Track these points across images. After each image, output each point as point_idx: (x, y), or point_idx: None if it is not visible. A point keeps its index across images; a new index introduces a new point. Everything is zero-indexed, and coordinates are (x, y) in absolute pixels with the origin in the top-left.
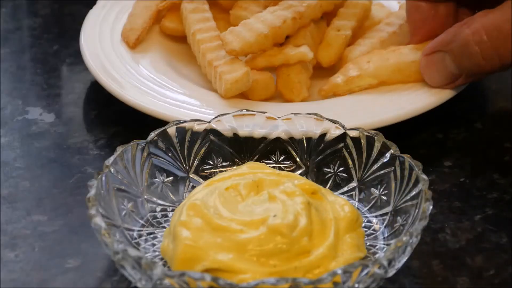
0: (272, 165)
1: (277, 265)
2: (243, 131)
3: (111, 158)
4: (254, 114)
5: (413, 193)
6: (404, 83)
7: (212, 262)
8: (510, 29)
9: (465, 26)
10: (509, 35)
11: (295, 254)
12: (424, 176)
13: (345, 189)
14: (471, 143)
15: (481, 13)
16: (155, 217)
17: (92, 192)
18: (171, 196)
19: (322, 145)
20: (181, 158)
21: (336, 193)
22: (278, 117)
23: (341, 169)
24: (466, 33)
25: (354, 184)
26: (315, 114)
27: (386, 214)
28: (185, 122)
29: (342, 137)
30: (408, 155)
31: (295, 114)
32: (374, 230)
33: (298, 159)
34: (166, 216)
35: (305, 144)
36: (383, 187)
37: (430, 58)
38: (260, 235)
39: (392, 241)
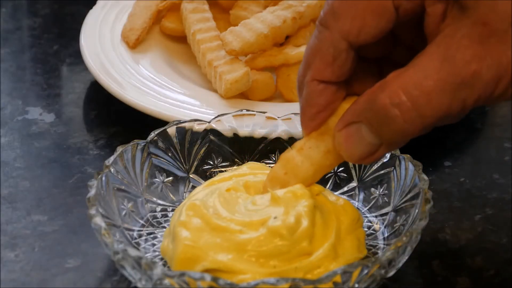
0: (272, 165)
1: (277, 266)
2: (243, 131)
3: (111, 158)
4: (254, 114)
5: (413, 193)
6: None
7: (211, 263)
8: (431, 85)
9: (378, 91)
10: (431, 91)
11: (295, 256)
12: (424, 176)
13: (345, 189)
14: (471, 143)
15: (393, 74)
16: (155, 217)
17: (92, 192)
18: (171, 196)
19: None
20: (181, 158)
21: (336, 193)
22: (278, 117)
23: (341, 169)
24: (382, 98)
25: (354, 184)
26: None
27: (386, 214)
28: (185, 122)
29: None
30: (408, 155)
31: (295, 114)
32: (374, 230)
33: None
34: (166, 216)
35: None
36: (383, 187)
37: (344, 132)
38: (260, 236)
39: (392, 241)
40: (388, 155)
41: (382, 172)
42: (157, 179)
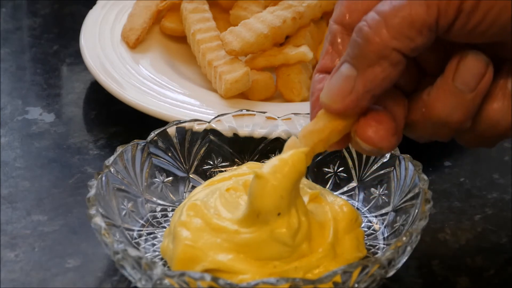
0: None
1: (277, 266)
2: (243, 131)
3: (111, 158)
4: (254, 114)
5: (413, 193)
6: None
7: (211, 263)
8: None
9: None
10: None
11: (295, 258)
12: (424, 176)
13: (345, 189)
14: None
15: None
16: (155, 217)
17: (92, 192)
18: (171, 196)
19: None
20: (181, 158)
21: (336, 193)
22: (278, 117)
23: (341, 169)
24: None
25: (354, 184)
26: None
27: (386, 214)
28: (185, 122)
29: None
30: (408, 155)
31: (295, 114)
32: (374, 230)
33: None
34: (166, 216)
35: None
36: (383, 187)
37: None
38: (261, 238)
39: (392, 241)
40: (387, 155)
41: (382, 172)
42: (157, 179)
